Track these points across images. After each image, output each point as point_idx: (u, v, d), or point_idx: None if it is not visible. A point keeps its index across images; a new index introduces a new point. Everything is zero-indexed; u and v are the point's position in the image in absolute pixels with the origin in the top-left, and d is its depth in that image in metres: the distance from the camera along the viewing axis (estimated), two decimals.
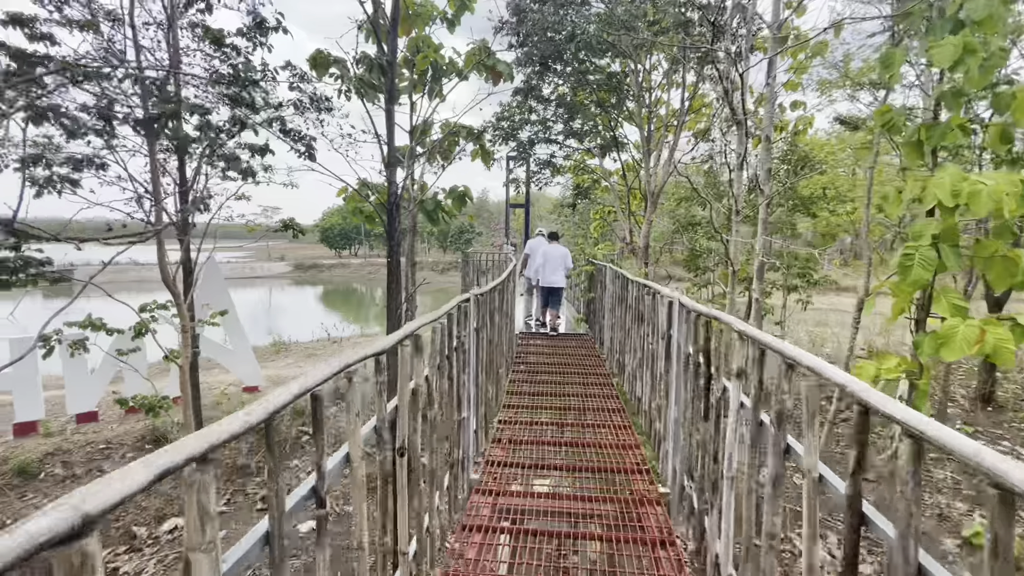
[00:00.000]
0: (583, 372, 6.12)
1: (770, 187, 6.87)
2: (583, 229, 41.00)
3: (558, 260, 8.32)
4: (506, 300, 5.21)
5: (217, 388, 12.05)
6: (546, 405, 4.99)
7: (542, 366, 6.32)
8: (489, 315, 3.85)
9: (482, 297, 3.30)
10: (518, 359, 6.49)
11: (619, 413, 4.89)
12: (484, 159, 9.65)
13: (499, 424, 4.33)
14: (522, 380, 5.75)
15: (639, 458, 3.84)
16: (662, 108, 14.58)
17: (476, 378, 3.06)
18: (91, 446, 9.26)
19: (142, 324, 6.76)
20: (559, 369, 6.23)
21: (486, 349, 3.68)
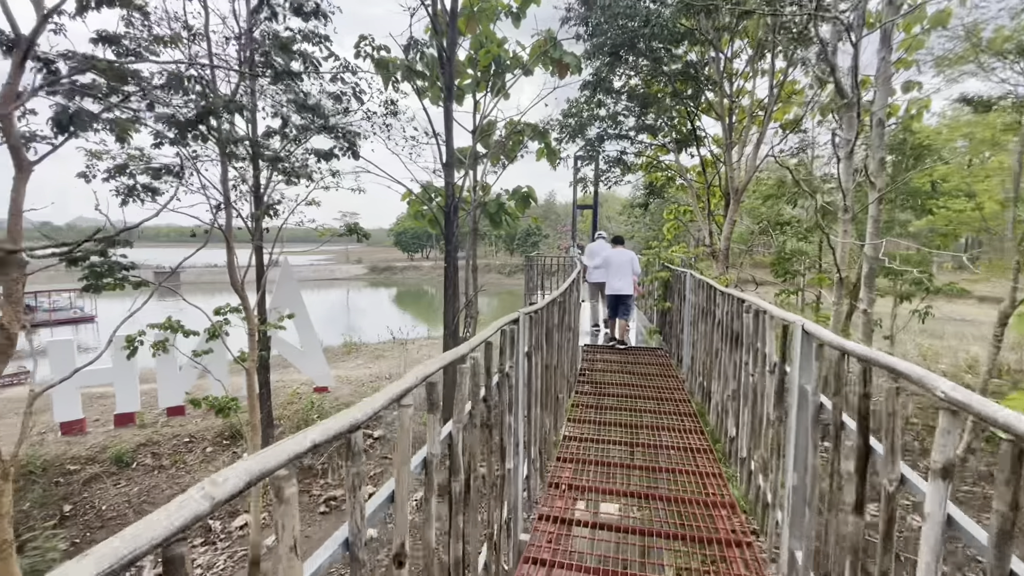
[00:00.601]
0: (658, 397, 5.38)
1: (882, 179, 5.86)
2: (655, 231, 39.28)
3: (625, 266, 7.54)
4: (568, 313, 4.68)
5: (291, 387, 12.53)
6: (612, 438, 4.30)
7: (609, 387, 5.64)
8: (546, 334, 3.27)
9: (536, 315, 2.75)
10: (582, 376, 5.86)
11: (705, 455, 3.98)
12: (550, 158, 9.20)
13: (557, 462, 3.73)
14: (585, 405, 5.09)
15: (735, 523, 2.92)
16: (745, 98, 13.41)
17: (528, 412, 2.64)
18: (177, 439, 9.87)
19: (216, 327, 6.96)
20: (629, 391, 5.54)
21: (542, 376, 3.13)
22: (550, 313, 3.34)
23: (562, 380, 4.20)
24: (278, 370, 14.20)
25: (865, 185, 6.01)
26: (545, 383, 3.24)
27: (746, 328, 3.13)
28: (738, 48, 13.42)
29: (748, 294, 4.01)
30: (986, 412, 1.01)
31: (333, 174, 9.11)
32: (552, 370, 3.51)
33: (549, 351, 3.34)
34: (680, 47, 9.51)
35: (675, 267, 7.30)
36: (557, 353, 3.73)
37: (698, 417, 4.83)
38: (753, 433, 2.98)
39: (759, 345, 2.86)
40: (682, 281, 6.21)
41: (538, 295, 11.09)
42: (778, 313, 2.40)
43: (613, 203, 63.51)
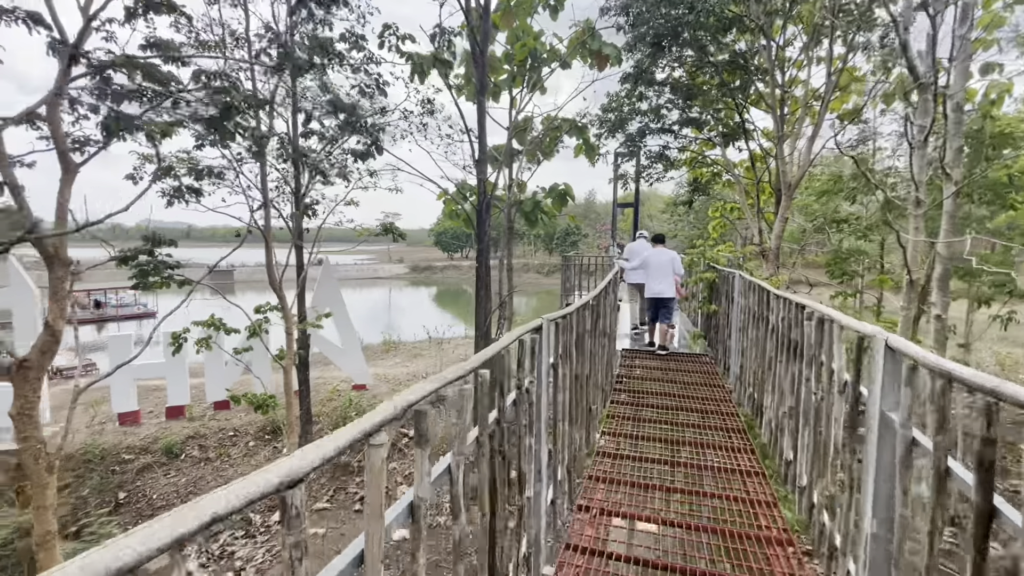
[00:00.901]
0: (702, 409, 4.96)
1: (958, 170, 5.28)
2: (699, 229, 37.97)
3: (666, 266, 7.00)
4: (604, 316, 4.38)
5: (331, 384, 12.77)
6: (650, 455, 3.91)
7: (648, 396, 5.25)
8: (576, 342, 2.98)
9: (563, 321, 2.51)
10: (618, 384, 5.54)
11: (756, 479, 3.49)
12: (588, 155, 8.92)
13: (588, 481, 3.38)
14: (621, 416, 4.71)
15: (794, 565, 2.51)
16: (798, 88, 12.63)
17: (553, 430, 2.44)
18: (222, 432, 10.21)
19: (256, 325, 7.09)
20: (670, 402, 5.14)
21: (571, 388, 2.86)
22: (581, 318, 3.08)
23: (595, 391, 3.90)
24: (319, 367, 14.54)
25: (938, 178, 5.43)
26: (575, 395, 3.01)
27: (807, 338, 2.81)
28: (791, 35, 12.68)
29: (803, 297, 3.62)
30: None
31: (371, 174, 9.17)
32: (583, 380, 3.27)
33: (580, 360, 3.11)
34: (728, 35, 9.00)
35: (721, 267, 6.82)
36: (589, 361, 3.48)
37: (747, 434, 4.37)
38: (816, 460, 2.54)
39: (824, 359, 2.51)
40: (729, 283, 5.79)
41: (575, 296, 10.79)
42: (849, 322, 2.06)
43: (655, 201, 61.95)
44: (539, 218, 7.97)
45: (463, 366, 1.18)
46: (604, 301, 4.18)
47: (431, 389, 1.04)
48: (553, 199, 8.02)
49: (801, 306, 3.01)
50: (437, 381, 1.07)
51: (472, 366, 1.20)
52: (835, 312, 2.31)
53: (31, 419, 3.41)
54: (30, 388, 3.42)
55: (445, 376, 1.12)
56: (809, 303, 2.85)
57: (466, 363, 1.22)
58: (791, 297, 3.30)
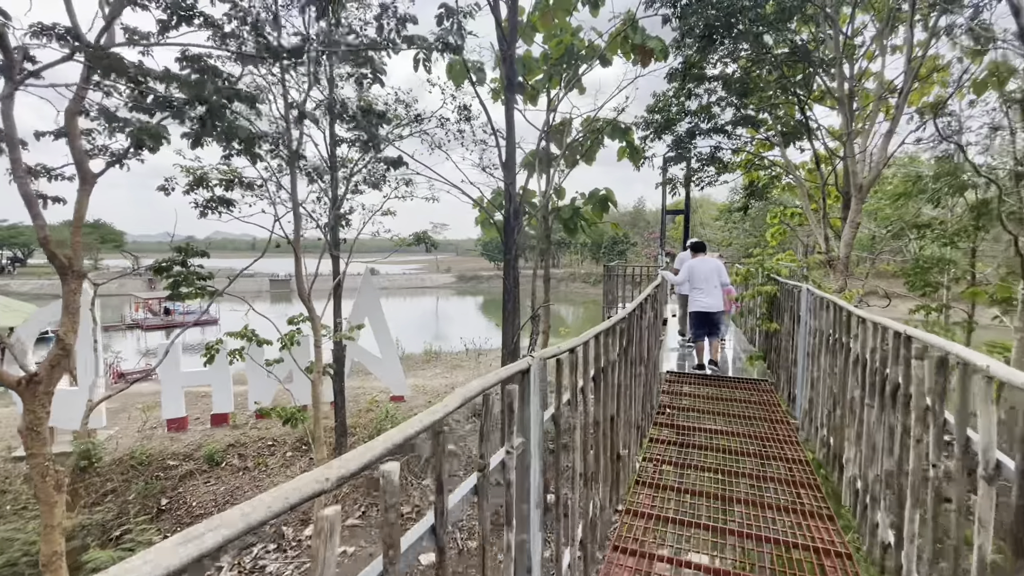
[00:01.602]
0: (760, 452, 4.03)
1: None
2: (756, 237, 35.97)
3: (711, 276, 6.29)
4: (639, 340, 3.73)
5: (370, 394, 12.73)
6: (695, 518, 3.09)
7: (694, 433, 4.40)
8: (597, 376, 2.40)
9: (570, 356, 1.90)
10: (660, 415, 4.84)
11: (840, 563, 2.66)
12: (632, 158, 8.38)
13: (613, 552, 2.69)
14: (661, 459, 3.89)
15: None
16: (869, 81, 11.51)
17: (556, 499, 1.87)
18: (261, 442, 10.29)
19: (287, 336, 7.00)
20: (721, 441, 4.27)
21: (587, 438, 2.25)
22: (604, 347, 2.46)
23: (629, 431, 3.32)
24: (359, 377, 14.58)
25: None
26: (596, 443, 2.43)
27: (917, 383, 2.13)
28: (859, 25, 11.61)
29: (877, 315, 2.92)
30: None
31: (407, 183, 9.01)
32: (609, 424, 2.67)
33: (603, 398, 2.51)
34: (789, 25, 8.23)
35: (783, 279, 6.03)
36: (617, 397, 2.83)
37: (821, 491, 3.45)
38: (936, 559, 1.93)
39: (947, 418, 1.87)
40: (794, 298, 5.10)
41: (618, 307, 10.17)
42: (997, 369, 1.45)
43: (708, 208, 59.64)
44: (579, 225, 7.49)
45: (388, 438, 0.78)
46: (638, 322, 3.52)
47: (359, 466, 0.67)
48: (593, 205, 7.53)
49: (905, 337, 2.30)
50: (364, 454, 0.70)
51: (383, 449, 0.78)
52: (962, 348, 1.68)
53: (39, 435, 3.32)
54: (39, 404, 3.34)
55: (373, 448, 0.74)
56: (918, 334, 2.18)
57: (375, 443, 0.80)
58: (884, 323, 2.61)
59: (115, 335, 32.39)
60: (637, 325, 3.39)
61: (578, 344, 2.04)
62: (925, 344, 2.08)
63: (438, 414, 0.98)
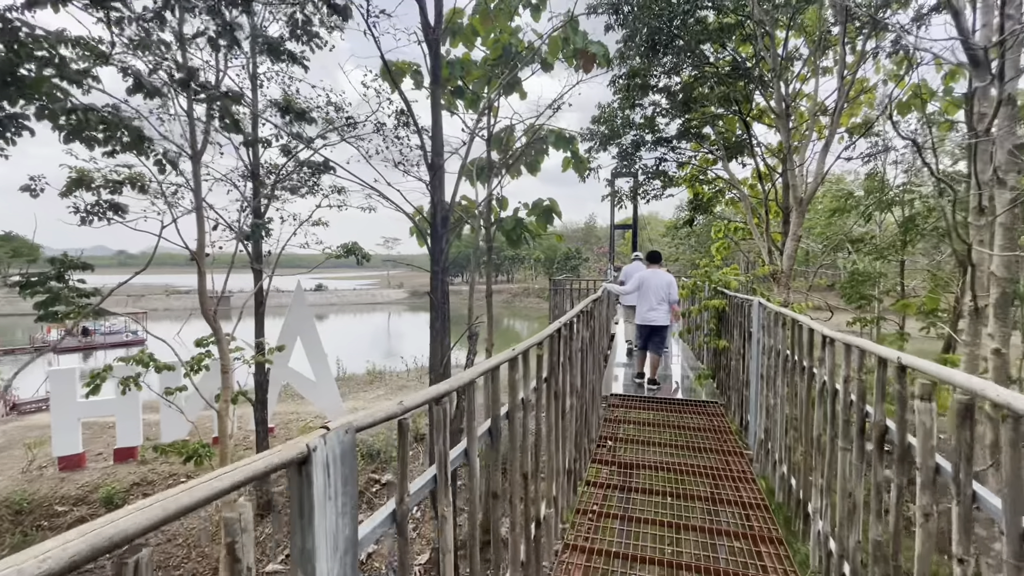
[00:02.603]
0: (712, 495, 3.53)
1: (1013, 176, 4.40)
2: (700, 252, 37.16)
3: (661, 291, 6.12)
4: (577, 365, 3.28)
5: (304, 419, 11.75)
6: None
7: (639, 472, 3.87)
8: (503, 422, 1.84)
9: (437, 409, 1.33)
10: (600, 448, 4.28)
11: None
12: (578, 169, 8.10)
13: None
14: (597, 511, 3.28)
15: None
16: (803, 102, 11.95)
17: None
18: (174, 478, 9.15)
19: (196, 360, 6.17)
20: (668, 479, 3.77)
21: (488, 509, 1.70)
22: (512, 382, 1.88)
23: (555, 483, 2.71)
24: (294, 401, 13.52)
25: (989, 185, 4.55)
26: (494, 519, 1.77)
27: (923, 433, 1.64)
28: (793, 48, 12.06)
29: (823, 325, 2.61)
30: None
31: (338, 191, 8.38)
32: (522, 483, 2.07)
33: (514, 447, 1.96)
34: (728, 42, 8.30)
35: (732, 292, 5.69)
36: (536, 444, 2.29)
37: (785, 547, 2.95)
38: None
39: (977, 491, 1.45)
40: (744, 312, 4.71)
41: None
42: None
43: (656, 225, 61.55)
44: (522, 237, 7.10)
45: None
46: (566, 345, 2.87)
47: None
48: (537, 216, 7.16)
49: (899, 366, 1.78)
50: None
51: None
52: (996, 387, 1.29)
53: None
54: None
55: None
56: (925, 365, 1.67)
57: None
58: (870, 347, 2.06)
59: (20, 359, 29.11)
60: (564, 349, 2.81)
61: (445, 391, 1.30)
62: (935, 379, 1.58)
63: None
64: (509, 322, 52.83)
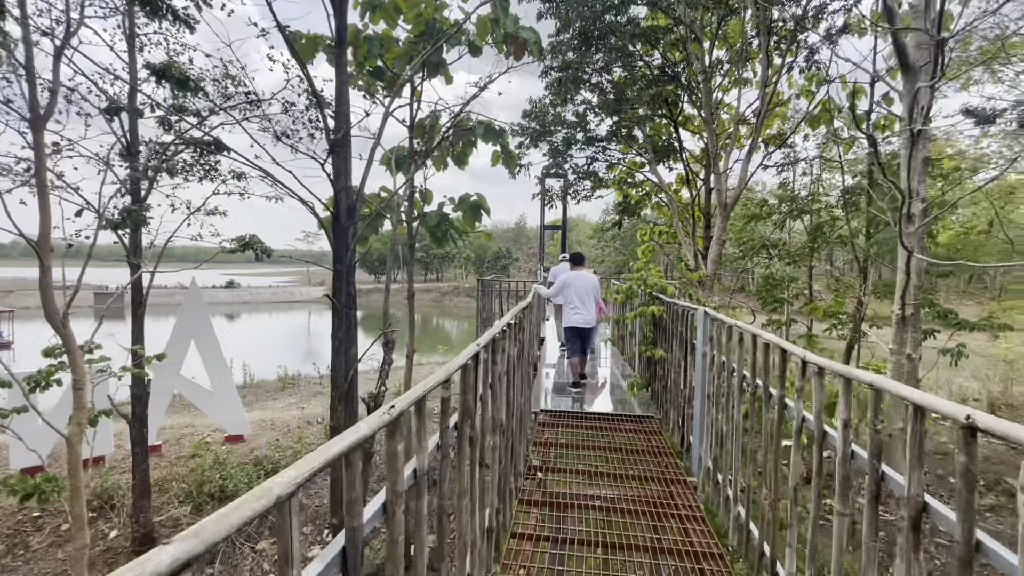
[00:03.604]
0: (656, 542, 3.13)
1: (924, 186, 4.53)
2: (625, 255, 38.40)
3: (588, 294, 6.10)
4: (503, 393, 2.79)
5: (200, 434, 10.40)
6: None
7: (572, 512, 3.41)
8: (398, 504, 1.26)
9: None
10: (529, 479, 3.83)
11: None
12: (507, 164, 7.69)
13: None
14: (527, 563, 2.86)
15: None
16: (725, 112, 12.42)
17: None
18: (24, 513, 7.65)
19: (44, 374, 5.06)
20: (603, 521, 3.34)
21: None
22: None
23: (468, 555, 2.11)
24: (190, 413, 12.02)
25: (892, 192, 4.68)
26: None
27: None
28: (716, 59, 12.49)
29: (803, 350, 2.33)
30: None
31: (238, 177, 7.39)
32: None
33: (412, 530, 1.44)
34: (658, 45, 8.28)
35: (670, 299, 5.26)
36: (462, 503, 1.91)
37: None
38: None
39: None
40: (686, 322, 4.30)
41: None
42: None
43: (583, 227, 63.17)
44: (448, 234, 6.58)
45: None
46: (486, 374, 2.31)
47: None
48: (464, 213, 6.66)
49: (916, 406, 1.37)
50: None
51: None
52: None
53: None
54: None
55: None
56: (987, 419, 1.19)
57: None
58: (885, 385, 1.54)
59: None
60: (485, 377, 2.21)
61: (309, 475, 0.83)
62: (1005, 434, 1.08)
63: None
64: (439, 321, 51.77)
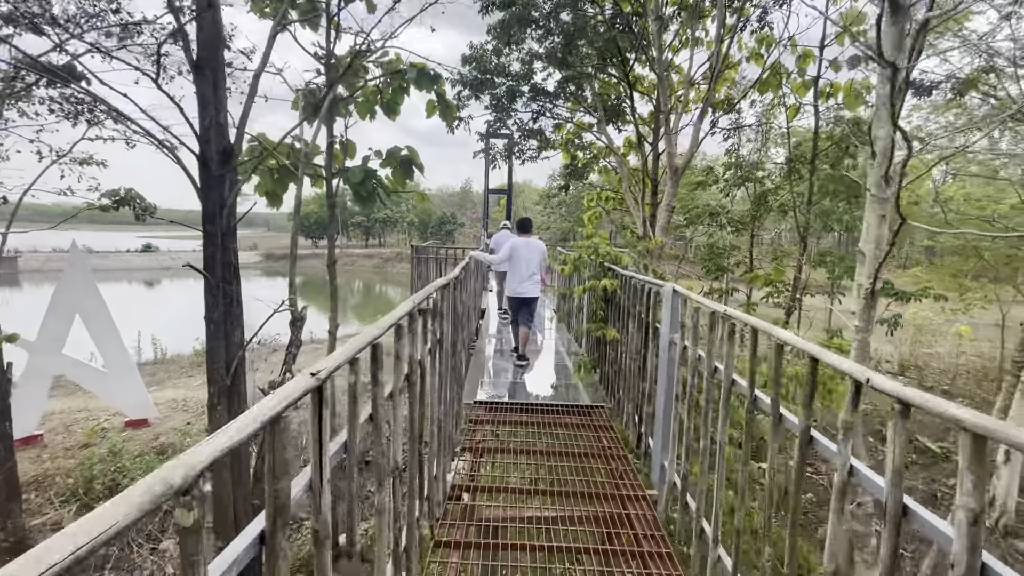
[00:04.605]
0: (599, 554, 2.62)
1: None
2: (570, 222, 38.24)
3: (534, 261, 5.76)
4: (428, 394, 2.24)
5: (97, 419, 9.16)
6: None
7: (502, 568, 2.80)
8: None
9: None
10: (453, 501, 3.08)
11: None
12: (445, 116, 6.84)
13: None
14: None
15: None
16: (675, 73, 12.02)
17: None
18: None
19: None
20: (543, 571, 2.81)
21: None
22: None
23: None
24: (84, 395, 10.60)
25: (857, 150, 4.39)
26: None
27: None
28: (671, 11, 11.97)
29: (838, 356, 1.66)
30: None
31: (116, 117, 6.16)
32: None
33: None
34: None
35: (626, 272, 4.40)
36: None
37: None
38: None
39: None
40: (644, 299, 3.62)
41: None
42: None
43: (529, 193, 62.48)
44: (375, 192, 5.76)
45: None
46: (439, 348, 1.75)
47: None
48: (394, 168, 5.85)
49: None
50: None
51: None
52: None
53: None
54: None
55: None
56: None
57: None
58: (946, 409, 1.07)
59: None
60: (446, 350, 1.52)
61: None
62: None
63: None
64: (382, 288, 50.13)
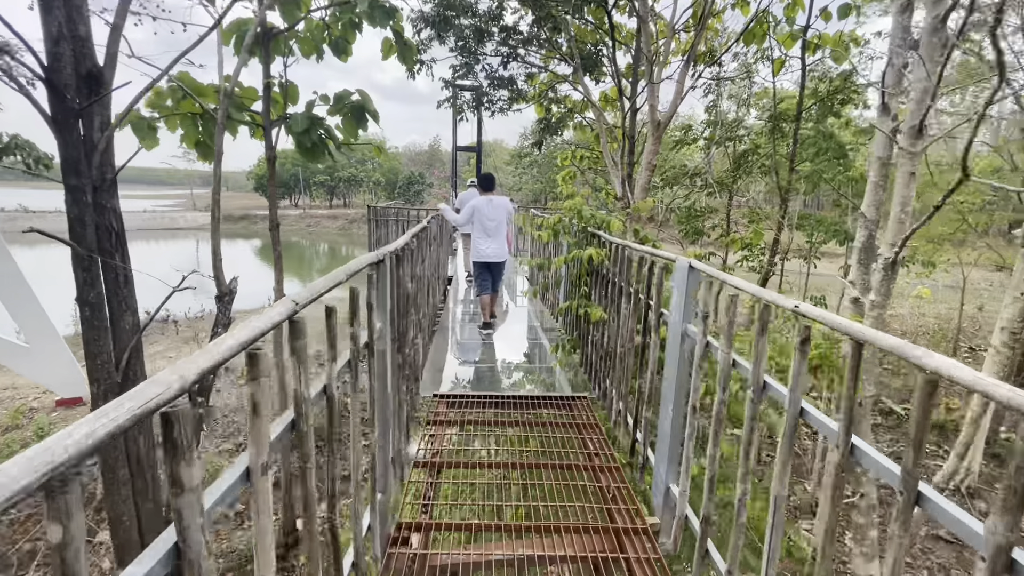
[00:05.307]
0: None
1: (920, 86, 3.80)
2: (542, 183, 37.31)
3: (500, 221, 5.29)
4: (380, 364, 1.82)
5: (23, 398, 8.32)
6: None
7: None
8: None
9: None
10: (406, 530, 2.41)
11: None
12: (403, 57, 6.03)
13: None
14: None
15: None
16: (655, 23, 11.24)
17: None
18: None
19: None
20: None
21: None
22: None
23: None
24: (10, 373, 9.65)
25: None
26: None
27: None
28: None
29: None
30: None
31: None
32: None
33: None
34: None
35: (617, 239, 3.53)
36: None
37: None
38: None
39: None
40: (643, 277, 2.85)
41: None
42: None
43: (501, 153, 60.80)
44: (322, 144, 5.05)
45: None
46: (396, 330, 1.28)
47: None
48: (345, 116, 5.12)
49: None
50: None
51: None
52: None
53: None
54: None
55: None
56: None
57: None
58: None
59: None
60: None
61: None
62: None
63: None
64: (348, 250, 48.70)
